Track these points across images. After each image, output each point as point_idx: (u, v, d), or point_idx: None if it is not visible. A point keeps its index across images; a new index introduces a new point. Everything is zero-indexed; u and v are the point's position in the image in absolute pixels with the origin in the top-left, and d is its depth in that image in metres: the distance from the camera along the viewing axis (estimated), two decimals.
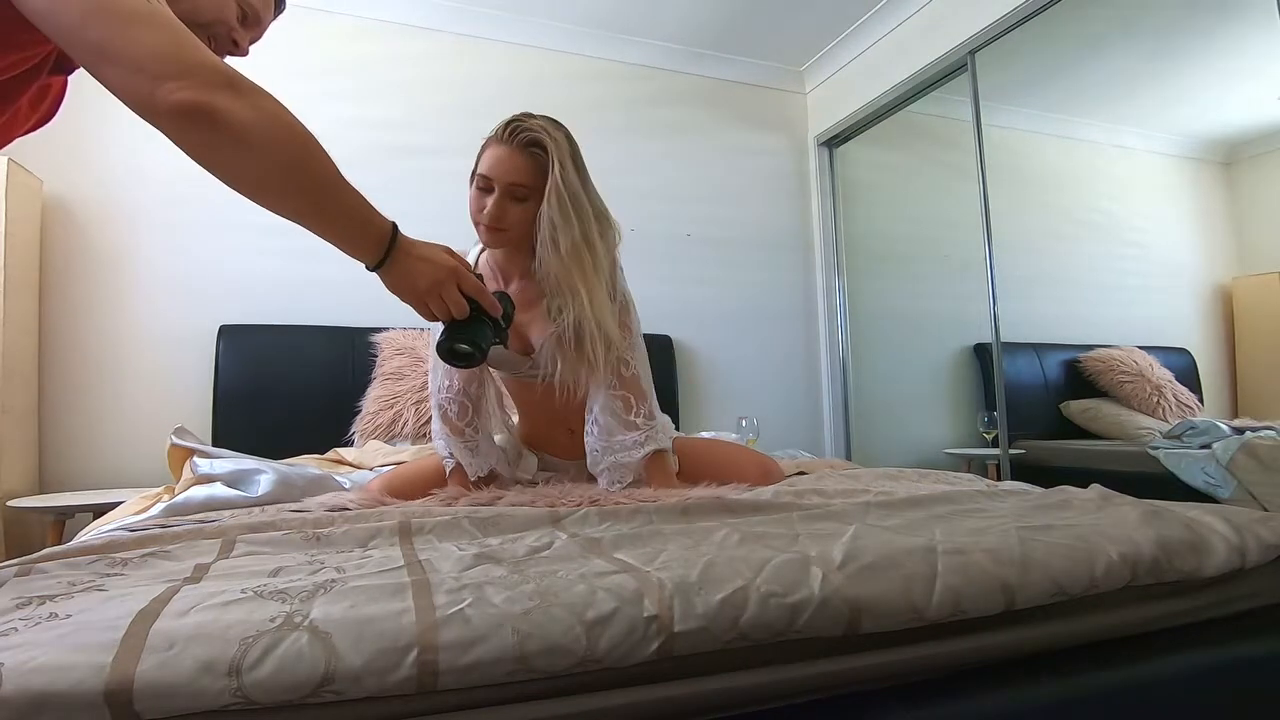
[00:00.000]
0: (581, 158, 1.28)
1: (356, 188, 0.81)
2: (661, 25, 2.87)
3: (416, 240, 0.89)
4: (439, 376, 1.38)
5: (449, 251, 0.92)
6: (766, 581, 0.61)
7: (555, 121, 1.27)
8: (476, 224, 1.26)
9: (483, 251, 1.40)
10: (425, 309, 0.91)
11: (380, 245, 0.84)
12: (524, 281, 1.34)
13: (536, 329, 1.33)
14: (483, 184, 1.24)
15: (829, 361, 3.20)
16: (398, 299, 0.90)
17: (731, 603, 0.59)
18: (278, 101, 0.74)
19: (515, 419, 1.57)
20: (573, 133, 1.28)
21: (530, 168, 1.21)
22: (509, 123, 1.23)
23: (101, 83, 0.69)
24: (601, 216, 1.30)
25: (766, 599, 0.60)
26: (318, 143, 0.77)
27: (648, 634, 0.56)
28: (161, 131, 0.69)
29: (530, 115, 1.25)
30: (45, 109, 0.92)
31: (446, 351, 0.95)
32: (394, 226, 0.86)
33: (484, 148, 1.26)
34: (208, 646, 0.48)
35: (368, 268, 0.86)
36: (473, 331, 0.94)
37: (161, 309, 2.28)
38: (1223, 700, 0.70)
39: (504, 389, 1.53)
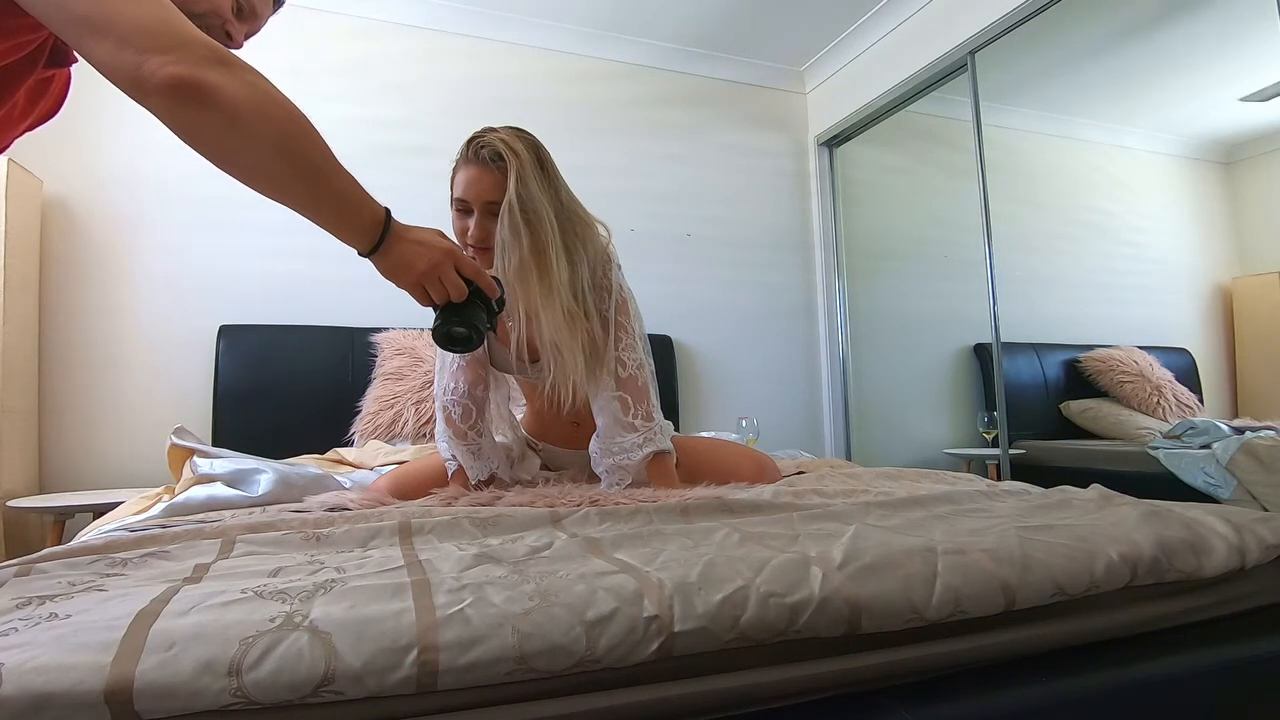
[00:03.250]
0: (550, 164, 1.28)
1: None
2: (662, 25, 2.87)
3: (409, 225, 0.88)
4: (444, 378, 1.37)
5: (442, 234, 0.91)
6: (766, 581, 0.61)
7: (517, 131, 1.27)
8: (464, 246, 1.26)
9: None
10: (422, 293, 0.90)
11: (375, 230, 0.83)
12: None
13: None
14: (461, 206, 1.25)
15: (829, 361, 3.20)
16: (393, 285, 0.88)
17: (731, 603, 0.59)
18: (269, 80, 0.72)
19: (520, 414, 1.58)
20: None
21: (501, 182, 1.21)
22: (471, 140, 1.24)
23: (87, 59, 0.67)
24: (575, 221, 1.28)
25: (766, 599, 0.60)
26: (311, 124, 0.75)
27: (648, 634, 0.55)
28: (149, 109, 0.67)
29: (491, 129, 1.25)
30: (47, 105, 0.91)
31: (443, 336, 0.93)
32: (387, 211, 0.85)
33: (454, 170, 1.27)
34: (208, 646, 0.48)
35: (361, 253, 0.85)
36: (468, 315, 0.92)
37: (161, 309, 2.28)
38: (1223, 700, 0.70)
39: (513, 382, 1.53)
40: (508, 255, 1.19)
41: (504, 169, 1.20)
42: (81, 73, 0.82)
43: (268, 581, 0.63)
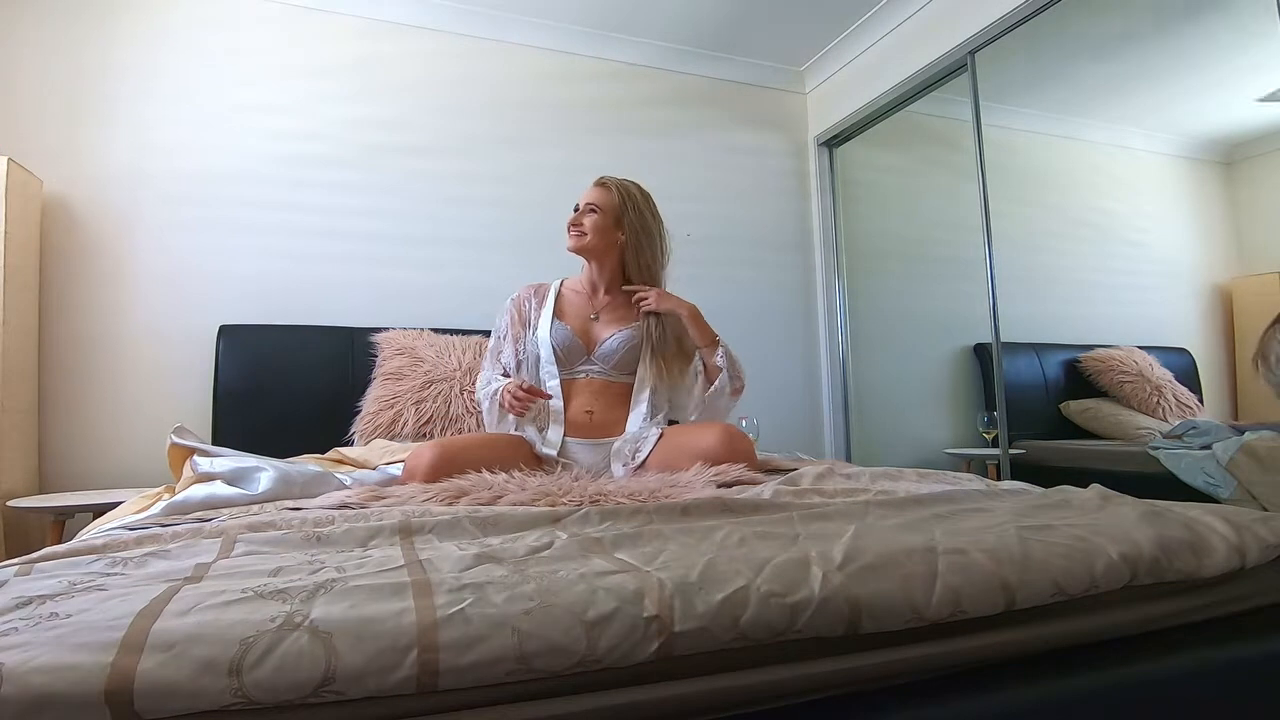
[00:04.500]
0: (652, 204, 1.86)
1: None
2: (661, 25, 2.87)
3: None
4: (495, 368, 1.83)
5: None
6: (767, 581, 0.61)
7: (632, 181, 1.85)
8: (569, 230, 1.78)
9: (563, 282, 1.89)
10: None
11: None
12: (609, 295, 1.82)
13: (606, 332, 1.76)
14: (575, 208, 1.81)
15: (829, 361, 3.20)
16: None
17: (732, 602, 0.59)
18: None
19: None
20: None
21: (601, 195, 1.79)
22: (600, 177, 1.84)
23: None
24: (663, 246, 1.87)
25: (767, 599, 0.60)
26: None
27: (648, 634, 0.55)
28: None
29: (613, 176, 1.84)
30: None
31: None
32: None
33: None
34: (208, 646, 0.48)
35: None
36: None
37: (161, 309, 2.28)
38: (1223, 700, 0.70)
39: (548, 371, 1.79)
40: (645, 257, 1.82)
41: (607, 187, 1.79)
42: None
43: (268, 581, 0.63)
